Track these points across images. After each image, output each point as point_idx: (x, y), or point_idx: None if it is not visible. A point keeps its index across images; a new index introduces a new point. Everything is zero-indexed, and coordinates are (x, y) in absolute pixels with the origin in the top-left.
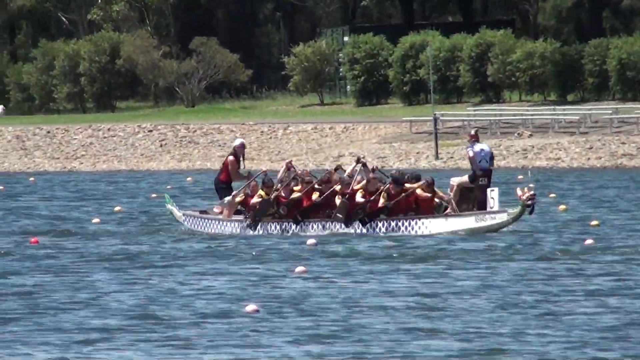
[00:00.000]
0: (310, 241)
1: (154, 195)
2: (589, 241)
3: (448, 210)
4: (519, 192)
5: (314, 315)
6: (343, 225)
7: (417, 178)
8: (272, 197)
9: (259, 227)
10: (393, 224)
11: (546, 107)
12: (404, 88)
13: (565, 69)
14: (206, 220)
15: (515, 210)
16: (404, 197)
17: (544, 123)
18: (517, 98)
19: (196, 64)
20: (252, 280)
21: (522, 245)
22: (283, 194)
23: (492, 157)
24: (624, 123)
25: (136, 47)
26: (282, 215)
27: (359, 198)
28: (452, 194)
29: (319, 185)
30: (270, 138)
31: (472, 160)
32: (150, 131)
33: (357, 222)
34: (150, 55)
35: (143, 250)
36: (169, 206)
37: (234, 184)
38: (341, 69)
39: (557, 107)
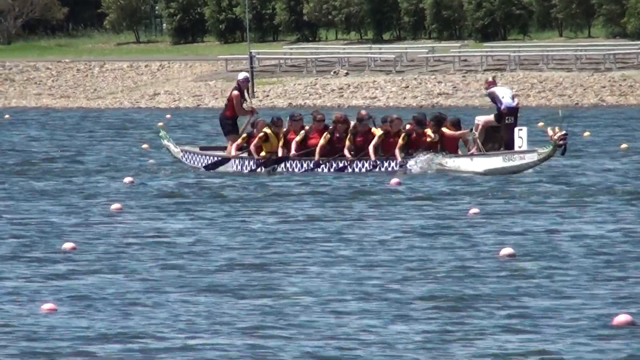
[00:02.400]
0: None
1: None
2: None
3: (473, 150)
4: (549, 131)
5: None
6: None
7: (438, 118)
8: (278, 154)
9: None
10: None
11: (362, 46)
12: (220, 26)
13: (381, 8)
14: (206, 156)
15: (546, 150)
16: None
17: (360, 62)
18: (333, 37)
19: (12, 2)
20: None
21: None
22: (292, 138)
23: (514, 97)
24: (440, 62)
25: None
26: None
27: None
28: (477, 133)
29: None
30: (87, 76)
31: (496, 97)
32: None
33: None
34: None
35: None
36: (165, 142)
37: (239, 120)
38: (157, 7)
39: (373, 45)
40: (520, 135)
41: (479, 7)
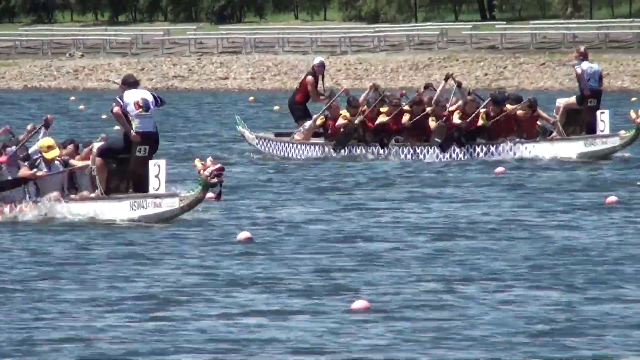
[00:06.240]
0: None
1: None
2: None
3: (554, 134)
4: (632, 114)
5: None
6: (438, 151)
7: (517, 99)
8: (356, 120)
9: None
10: (492, 148)
11: (98, 28)
12: None
13: None
14: (281, 143)
15: (629, 133)
16: (503, 118)
17: (96, 44)
18: (69, 18)
19: None
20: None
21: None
22: (369, 117)
23: (601, 77)
24: (175, 44)
25: None
26: (367, 141)
27: (456, 119)
28: (557, 116)
29: (409, 107)
30: None
31: (580, 78)
32: None
33: (455, 147)
34: None
35: None
36: (240, 128)
37: (312, 104)
38: None
39: (108, 27)
40: (603, 119)
41: None
